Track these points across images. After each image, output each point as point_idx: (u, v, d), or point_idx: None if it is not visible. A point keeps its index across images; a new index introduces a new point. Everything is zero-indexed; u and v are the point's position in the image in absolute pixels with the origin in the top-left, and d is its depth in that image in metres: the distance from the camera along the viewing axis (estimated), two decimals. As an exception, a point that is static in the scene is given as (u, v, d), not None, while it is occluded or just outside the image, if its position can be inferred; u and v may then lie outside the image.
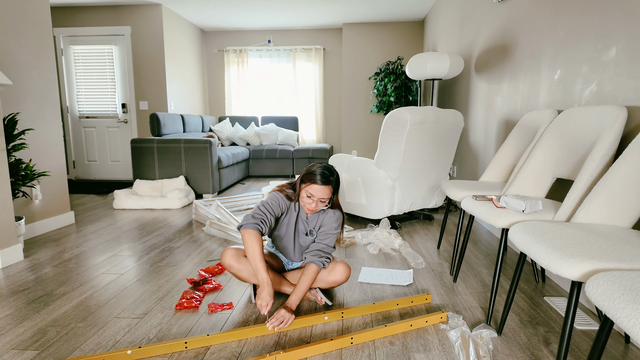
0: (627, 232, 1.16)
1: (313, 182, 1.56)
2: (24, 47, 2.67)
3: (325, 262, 1.62)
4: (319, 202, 1.59)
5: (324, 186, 1.56)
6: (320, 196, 1.56)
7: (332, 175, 1.59)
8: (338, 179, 1.62)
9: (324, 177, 1.55)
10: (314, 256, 1.62)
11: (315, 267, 1.59)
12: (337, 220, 1.68)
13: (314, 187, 1.56)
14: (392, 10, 5.21)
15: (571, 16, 1.91)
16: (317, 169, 1.57)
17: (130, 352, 1.31)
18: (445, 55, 3.32)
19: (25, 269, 2.14)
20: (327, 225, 1.68)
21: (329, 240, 1.67)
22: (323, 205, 1.60)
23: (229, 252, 1.66)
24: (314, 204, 1.58)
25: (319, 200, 1.58)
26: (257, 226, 1.54)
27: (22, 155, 2.67)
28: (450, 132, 2.87)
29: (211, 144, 4.01)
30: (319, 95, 6.21)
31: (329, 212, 1.69)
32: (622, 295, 0.74)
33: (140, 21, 4.99)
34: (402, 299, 1.69)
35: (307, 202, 1.59)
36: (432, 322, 1.53)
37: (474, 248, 2.48)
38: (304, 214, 1.71)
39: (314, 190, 1.56)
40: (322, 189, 1.56)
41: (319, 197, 1.57)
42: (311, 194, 1.57)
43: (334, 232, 1.67)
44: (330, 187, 1.58)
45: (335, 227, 1.68)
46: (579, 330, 1.49)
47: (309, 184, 1.57)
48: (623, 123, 1.37)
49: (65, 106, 5.23)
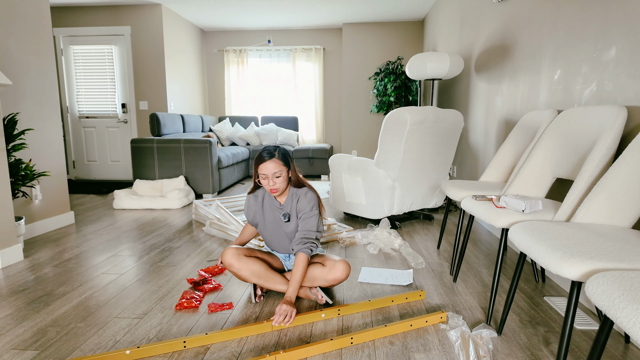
0: (627, 232, 1.16)
1: (260, 161, 1.62)
2: (24, 47, 2.67)
3: (311, 247, 1.64)
4: (274, 179, 1.62)
5: (269, 161, 1.60)
6: (271, 172, 1.61)
7: (275, 150, 1.64)
8: (284, 152, 1.66)
9: (267, 153, 1.62)
10: (299, 244, 1.64)
11: (303, 255, 1.62)
12: (309, 201, 1.69)
13: (261, 166, 1.61)
14: (392, 10, 5.21)
15: (571, 16, 1.91)
16: (261, 151, 1.64)
17: (129, 352, 1.31)
18: (445, 55, 3.32)
19: (25, 269, 2.14)
20: (302, 210, 1.70)
21: (309, 224, 1.67)
22: (281, 181, 1.63)
23: (229, 252, 1.68)
24: (271, 181, 1.62)
25: (274, 177, 1.62)
26: None
27: (22, 155, 2.67)
28: (450, 132, 2.87)
29: (211, 144, 4.01)
30: (319, 95, 6.21)
31: (300, 196, 1.70)
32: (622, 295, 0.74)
33: (140, 21, 4.99)
34: (397, 296, 1.73)
35: (265, 183, 1.64)
36: (432, 322, 1.53)
37: (474, 248, 2.48)
38: (276, 201, 1.74)
39: (263, 169, 1.61)
40: (268, 164, 1.60)
41: (272, 173, 1.61)
42: (264, 175, 1.62)
43: (311, 214, 1.68)
44: (276, 159, 1.61)
45: (310, 209, 1.68)
46: (579, 330, 1.49)
47: (257, 165, 1.63)
48: (623, 123, 1.37)
49: (65, 106, 5.23)
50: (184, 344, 1.37)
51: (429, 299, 1.76)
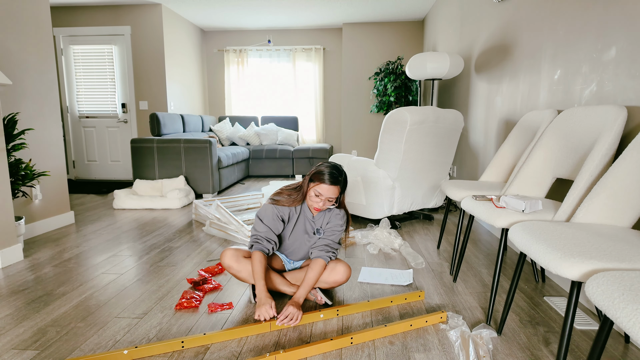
0: (627, 232, 1.16)
1: (322, 181, 1.57)
2: (24, 47, 2.67)
3: (331, 256, 1.65)
4: (326, 202, 1.60)
5: (333, 186, 1.57)
6: (328, 195, 1.58)
7: (341, 175, 1.60)
8: (346, 179, 1.64)
9: (332, 177, 1.57)
10: (321, 251, 1.64)
11: (322, 262, 1.62)
12: (342, 217, 1.70)
13: (323, 187, 1.57)
14: (392, 10, 5.21)
15: (571, 16, 1.91)
16: (326, 169, 1.58)
17: (126, 352, 1.31)
18: (445, 55, 3.32)
19: (25, 268, 2.14)
20: (333, 222, 1.69)
21: (335, 236, 1.69)
22: (330, 204, 1.62)
23: (228, 253, 1.68)
24: (322, 202, 1.60)
25: (327, 200, 1.60)
26: (265, 249, 1.63)
27: (22, 155, 2.67)
28: (450, 132, 2.87)
29: (211, 143, 4.01)
30: (319, 95, 6.21)
31: (334, 210, 1.70)
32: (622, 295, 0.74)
33: (140, 21, 4.99)
34: (396, 297, 1.72)
35: (315, 201, 1.60)
36: (432, 322, 1.53)
37: (474, 248, 2.48)
38: (309, 213, 1.71)
39: (323, 189, 1.57)
40: (330, 188, 1.57)
41: (327, 197, 1.58)
42: (319, 193, 1.58)
43: (339, 229, 1.69)
44: (339, 187, 1.59)
45: (341, 225, 1.69)
46: (579, 330, 1.49)
47: (318, 183, 1.57)
48: (623, 123, 1.36)
49: (65, 106, 5.23)
50: (182, 344, 1.37)
51: (429, 299, 1.76)
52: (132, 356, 1.31)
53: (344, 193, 1.68)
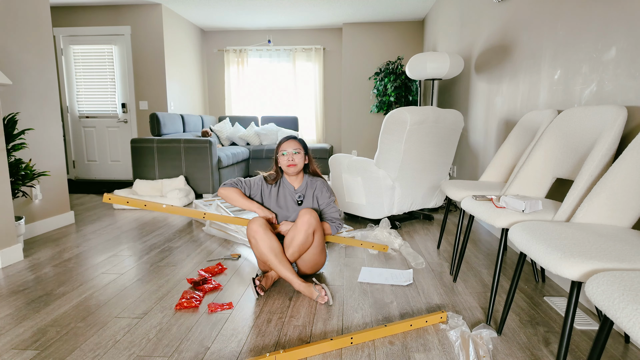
0: (627, 232, 1.16)
1: (282, 142, 1.91)
2: (24, 47, 2.67)
3: (338, 227, 1.96)
4: (293, 155, 1.88)
5: (291, 140, 1.91)
6: (291, 148, 1.89)
7: (294, 135, 1.95)
8: (303, 140, 1.94)
9: (287, 137, 1.93)
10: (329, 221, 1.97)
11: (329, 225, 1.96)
12: (327, 189, 1.99)
13: (283, 144, 1.90)
14: (392, 10, 5.21)
15: (571, 16, 1.91)
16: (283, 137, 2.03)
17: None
18: (445, 55, 3.32)
19: (25, 268, 2.14)
20: (321, 198, 1.97)
21: (331, 209, 1.98)
22: (298, 158, 1.89)
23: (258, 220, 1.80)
24: (290, 157, 1.88)
25: (292, 154, 1.88)
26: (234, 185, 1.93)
27: (22, 155, 2.67)
28: (450, 132, 2.87)
29: (211, 143, 4.01)
30: (319, 95, 6.21)
31: (316, 183, 1.98)
32: (622, 295, 0.74)
33: (140, 21, 4.99)
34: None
35: (284, 160, 1.89)
36: (432, 322, 1.53)
37: (474, 248, 2.48)
38: (290, 186, 1.96)
39: (284, 146, 1.89)
40: (290, 142, 1.90)
41: (291, 150, 1.88)
42: (284, 149, 1.89)
43: (330, 200, 1.98)
44: (296, 141, 1.91)
45: (329, 196, 1.98)
46: (579, 330, 1.49)
47: (280, 145, 1.91)
48: (623, 123, 1.37)
49: (65, 106, 5.23)
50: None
51: (429, 299, 1.76)
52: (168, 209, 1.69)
53: (309, 154, 1.96)
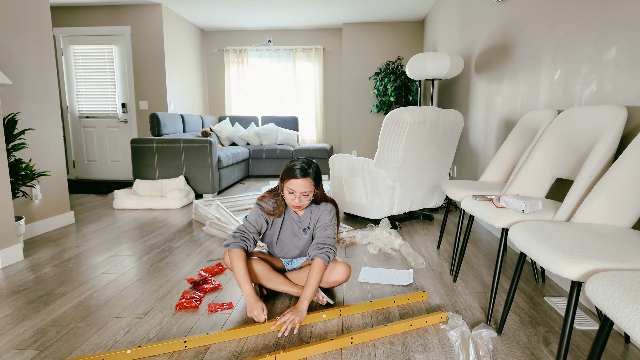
0: (627, 232, 1.16)
1: (292, 177, 1.55)
2: (24, 47, 2.67)
3: (328, 254, 1.61)
4: (301, 197, 1.57)
5: (303, 179, 1.54)
6: (301, 190, 1.56)
7: (310, 167, 1.57)
8: (317, 171, 1.61)
9: (301, 171, 1.54)
10: (317, 250, 1.61)
11: (321, 261, 1.58)
12: (330, 212, 1.68)
13: (293, 182, 1.55)
14: (392, 10, 5.21)
15: (571, 16, 1.91)
16: (295, 164, 1.56)
17: (129, 351, 1.31)
18: (445, 55, 3.32)
19: (25, 268, 2.14)
20: (322, 220, 1.68)
21: (327, 232, 1.66)
22: (307, 199, 1.59)
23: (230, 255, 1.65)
24: (297, 198, 1.57)
25: (302, 195, 1.57)
26: (239, 244, 1.58)
27: (22, 155, 2.67)
28: (450, 132, 2.86)
29: (211, 143, 4.01)
30: (319, 95, 6.21)
31: (320, 207, 1.68)
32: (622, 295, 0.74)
33: (140, 21, 4.99)
34: (399, 297, 1.72)
35: (290, 198, 1.58)
36: (432, 322, 1.53)
37: (474, 248, 2.48)
38: (294, 215, 1.70)
39: (294, 185, 1.55)
40: (301, 182, 1.54)
41: (301, 192, 1.56)
42: (292, 190, 1.56)
43: (330, 224, 1.67)
44: (310, 179, 1.56)
45: (330, 220, 1.67)
46: (579, 330, 1.49)
47: (288, 179, 1.56)
48: (623, 123, 1.37)
49: (65, 106, 5.23)
50: (185, 344, 1.37)
51: (429, 299, 1.76)
52: (134, 356, 1.31)
53: (320, 186, 1.64)
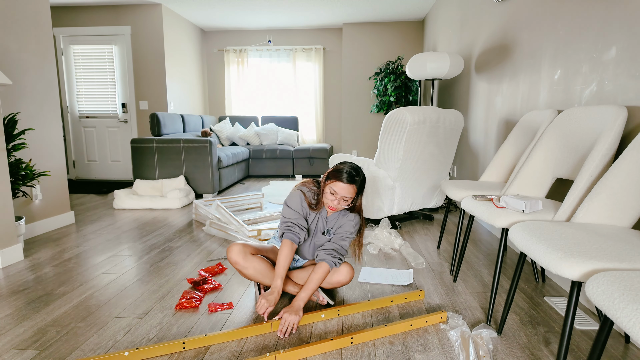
0: (627, 232, 1.16)
1: (338, 179, 1.55)
2: (24, 47, 2.67)
3: (337, 262, 1.62)
4: (341, 200, 1.57)
5: (349, 185, 1.54)
6: (343, 194, 1.55)
7: (358, 175, 1.58)
8: (364, 180, 1.61)
9: (349, 176, 1.55)
10: (328, 255, 1.61)
11: (327, 266, 1.59)
12: (355, 225, 1.67)
13: (339, 185, 1.55)
14: (392, 10, 5.20)
15: (571, 16, 1.91)
16: (344, 167, 1.57)
17: (127, 353, 1.30)
18: (445, 55, 3.32)
19: (25, 268, 2.14)
20: (344, 227, 1.67)
21: (344, 242, 1.66)
22: (345, 204, 1.59)
23: (235, 249, 1.63)
24: (337, 201, 1.57)
25: (342, 199, 1.57)
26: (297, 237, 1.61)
27: (22, 155, 2.67)
28: (450, 132, 2.86)
29: (211, 143, 4.01)
30: (319, 95, 6.21)
31: (348, 216, 1.67)
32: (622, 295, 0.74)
33: (140, 21, 4.99)
34: (396, 296, 1.73)
35: (330, 199, 1.58)
36: (432, 322, 1.53)
37: (474, 248, 2.48)
38: (325, 212, 1.69)
39: (338, 187, 1.55)
40: (346, 187, 1.54)
41: (342, 195, 1.56)
42: (335, 191, 1.56)
43: (350, 236, 1.67)
44: (355, 186, 1.56)
45: (352, 232, 1.67)
46: (579, 330, 1.49)
47: (334, 180, 1.56)
48: (623, 123, 1.36)
49: (65, 106, 5.23)
50: (183, 346, 1.37)
51: (429, 299, 1.76)
52: (133, 358, 1.31)
53: (361, 195, 1.64)
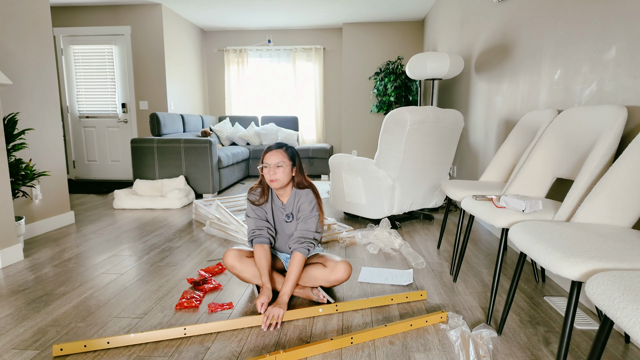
0: (627, 232, 1.16)
1: (266, 152, 1.64)
2: (24, 47, 2.67)
3: (308, 247, 1.63)
4: (276, 169, 1.61)
5: (276, 150, 1.62)
6: (274, 162, 1.60)
7: (284, 145, 1.66)
8: (293, 150, 1.67)
9: (275, 145, 1.65)
10: (296, 244, 1.64)
11: (299, 255, 1.62)
12: (310, 202, 1.68)
13: (267, 155, 1.62)
14: (392, 10, 5.20)
15: (571, 15, 1.91)
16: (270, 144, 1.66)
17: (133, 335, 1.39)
18: (445, 55, 3.32)
19: (25, 268, 2.14)
20: (303, 210, 1.69)
21: (307, 225, 1.67)
22: (281, 172, 1.61)
23: (231, 253, 1.70)
24: (272, 170, 1.61)
25: (275, 166, 1.61)
26: (265, 239, 1.68)
27: (22, 155, 2.67)
28: (450, 131, 2.86)
29: (211, 143, 4.01)
30: (319, 95, 6.21)
31: (301, 196, 1.69)
32: (622, 295, 0.74)
33: (140, 21, 4.99)
34: (397, 295, 1.73)
35: (266, 173, 1.62)
36: (432, 322, 1.53)
37: (474, 248, 2.48)
38: (278, 201, 1.74)
39: (267, 157, 1.62)
40: (273, 153, 1.62)
41: (274, 164, 1.60)
42: (267, 164, 1.61)
43: (310, 215, 1.67)
44: (282, 151, 1.63)
45: (311, 210, 1.68)
46: (579, 330, 1.49)
47: (263, 156, 1.64)
48: (623, 123, 1.36)
49: (65, 106, 5.23)
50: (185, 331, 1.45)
51: (429, 299, 1.76)
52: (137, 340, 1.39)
53: (298, 167, 1.68)
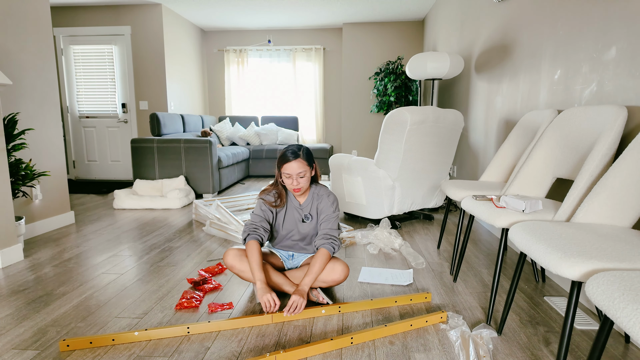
0: (627, 232, 1.16)
1: (285, 161, 1.65)
2: (24, 47, 2.67)
3: (334, 245, 1.69)
4: (298, 179, 1.66)
5: (295, 161, 1.64)
6: (296, 172, 1.65)
7: (300, 149, 1.68)
8: (308, 152, 1.71)
9: (293, 154, 1.65)
10: (322, 239, 1.69)
11: (325, 251, 1.66)
12: (332, 203, 1.76)
13: (287, 166, 1.65)
14: (392, 10, 5.20)
15: (571, 16, 1.91)
16: (286, 150, 1.67)
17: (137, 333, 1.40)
18: (446, 55, 3.32)
19: (25, 268, 2.14)
20: (325, 211, 1.75)
21: (331, 224, 1.74)
22: (304, 180, 1.67)
23: (231, 253, 1.71)
24: (295, 181, 1.66)
25: (298, 177, 1.65)
26: (258, 237, 1.69)
27: (22, 155, 2.67)
28: (451, 131, 2.86)
29: (211, 143, 4.01)
30: (319, 95, 6.21)
31: (322, 198, 1.76)
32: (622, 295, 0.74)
33: (140, 21, 4.99)
34: (401, 297, 1.72)
35: (289, 183, 1.67)
36: (432, 322, 1.53)
37: (474, 248, 2.48)
38: (296, 202, 1.78)
39: (288, 169, 1.64)
40: (294, 164, 1.64)
41: (296, 173, 1.65)
42: (289, 174, 1.65)
43: (333, 215, 1.75)
44: (301, 159, 1.66)
45: (333, 210, 1.75)
46: (579, 330, 1.49)
47: (282, 165, 1.66)
48: (623, 123, 1.36)
49: (65, 106, 5.23)
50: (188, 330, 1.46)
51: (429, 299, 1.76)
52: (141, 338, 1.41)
53: (314, 166, 1.74)
